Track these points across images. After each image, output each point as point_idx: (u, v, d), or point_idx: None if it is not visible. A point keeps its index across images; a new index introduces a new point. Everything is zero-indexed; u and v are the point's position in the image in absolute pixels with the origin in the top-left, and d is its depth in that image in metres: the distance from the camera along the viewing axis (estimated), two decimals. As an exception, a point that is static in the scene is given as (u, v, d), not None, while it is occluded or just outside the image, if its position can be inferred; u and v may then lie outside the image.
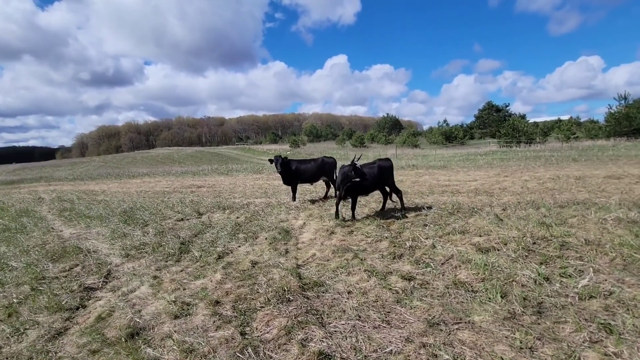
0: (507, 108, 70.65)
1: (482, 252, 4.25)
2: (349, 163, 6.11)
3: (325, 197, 9.33)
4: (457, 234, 5.06)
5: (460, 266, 3.90)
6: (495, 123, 63.06)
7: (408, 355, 2.39)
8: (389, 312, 3.03)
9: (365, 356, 2.42)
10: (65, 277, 4.55)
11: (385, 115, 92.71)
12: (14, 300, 3.91)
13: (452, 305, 3.08)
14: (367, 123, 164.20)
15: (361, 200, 8.65)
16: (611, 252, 3.92)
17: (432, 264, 4.04)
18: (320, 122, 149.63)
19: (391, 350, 2.47)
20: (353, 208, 6.55)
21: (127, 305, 3.49)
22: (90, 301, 3.80)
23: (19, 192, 19.41)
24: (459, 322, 2.78)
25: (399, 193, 6.95)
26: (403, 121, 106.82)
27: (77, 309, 3.62)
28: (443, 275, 3.75)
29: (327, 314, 3.05)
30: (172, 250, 5.15)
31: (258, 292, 3.55)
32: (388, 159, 7.05)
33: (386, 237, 5.19)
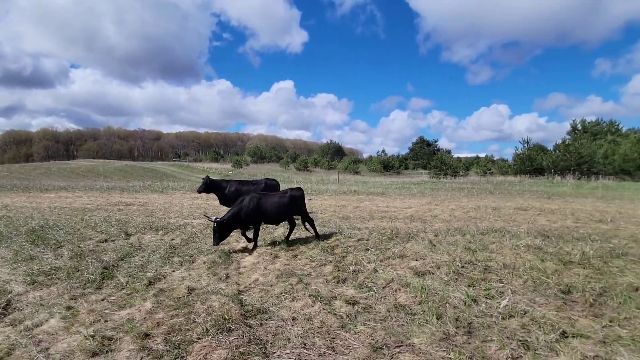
0: (436, 143, 78.62)
1: (418, 275, 4.52)
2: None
3: None
4: (397, 258, 5.32)
5: (400, 289, 4.08)
6: (427, 156, 69.48)
7: (354, 382, 2.38)
8: (334, 338, 3.01)
9: (311, 386, 2.34)
10: (-57, 310, 3.67)
11: (329, 142, 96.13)
12: None
13: (394, 328, 3.18)
14: (311, 148, 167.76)
15: (306, 224, 8.66)
16: (524, 275, 4.47)
17: (374, 287, 4.16)
18: (265, 143, 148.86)
19: (337, 378, 2.44)
20: (255, 236, 6.25)
21: (31, 342, 2.92)
22: (-24, 340, 3.10)
23: None
24: (400, 345, 2.87)
25: (311, 222, 6.93)
26: (345, 148, 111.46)
27: (-42, 350, 2.93)
28: (385, 298, 3.88)
29: (271, 343, 2.91)
30: (91, 276, 4.52)
31: (195, 321, 3.27)
32: (300, 189, 7.06)
33: (330, 261, 5.23)
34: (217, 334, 3.02)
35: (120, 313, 3.47)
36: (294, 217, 6.95)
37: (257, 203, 6.15)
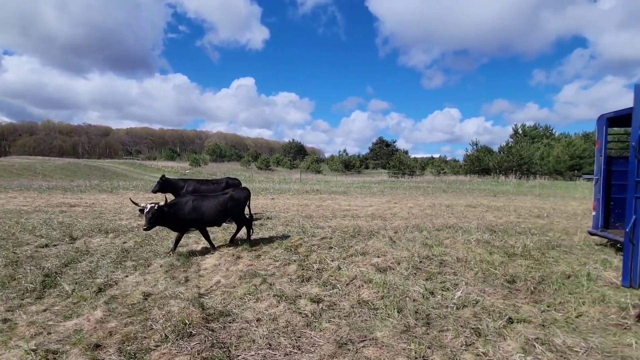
0: (395, 144, 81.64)
1: (380, 271, 4.67)
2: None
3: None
4: (359, 256, 5.45)
5: (363, 286, 4.19)
6: (386, 156, 71.90)
7: (320, 379, 2.41)
8: (299, 337, 3.02)
9: (277, 386, 2.33)
10: None
11: (291, 141, 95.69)
12: None
13: (358, 323, 3.26)
14: (273, 147, 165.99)
15: (267, 223, 8.57)
16: (475, 267, 4.81)
17: (338, 285, 4.23)
18: (225, 141, 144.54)
19: (303, 376, 2.45)
20: (176, 241, 5.80)
21: (-45, 364, 2.58)
22: None
23: None
24: (364, 340, 2.96)
25: (246, 226, 6.40)
26: (307, 147, 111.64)
27: None
28: (348, 295, 3.96)
29: (235, 346, 2.84)
30: (31, 285, 4.09)
31: (152, 328, 3.09)
32: (245, 189, 6.74)
33: (294, 261, 5.23)
34: (177, 340, 2.88)
35: (66, 324, 3.18)
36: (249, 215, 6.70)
37: (193, 205, 5.70)
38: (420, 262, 5.07)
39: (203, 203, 5.86)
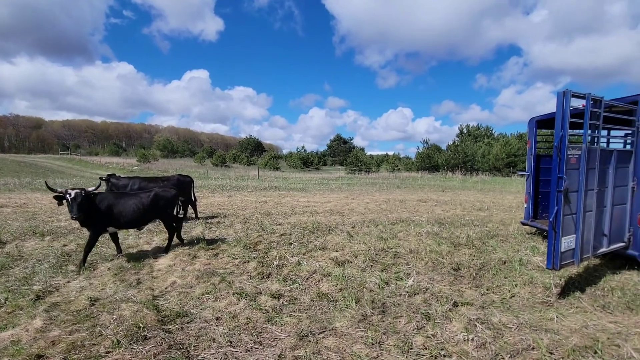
0: (352, 141, 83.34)
1: (339, 265, 4.83)
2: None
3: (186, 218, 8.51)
4: (318, 250, 5.57)
5: (322, 279, 4.31)
6: (343, 153, 73.29)
7: (282, 371, 2.47)
8: (260, 333, 3.04)
9: (239, 382, 2.35)
10: None
11: (248, 137, 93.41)
12: None
13: (318, 316, 3.37)
14: (229, 142, 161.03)
15: (225, 221, 8.37)
16: (425, 257, 5.16)
17: (298, 280, 4.30)
18: (177, 136, 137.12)
19: (265, 369, 2.49)
20: (87, 249, 4.90)
21: None
22: None
23: None
24: (324, 331, 3.07)
25: (172, 231, 5.75)
26: (265, 144, 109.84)
27: None
28: (308, 289, 4.05)
29: (194, 346, 2.79)
30: (-50, 297, 3.62)
31: (102, 334, 2.92)
32: (172, 189, 6.00)
33: (254, 258, 5.20)
34: (130, 344, 2.76)
35: (0, 335, 2.88)
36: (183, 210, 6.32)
37: (109, 204, 5.01)
38: (376, 254, 5.32)
39: (121, 201, 5.16)
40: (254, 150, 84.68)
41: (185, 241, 6.15)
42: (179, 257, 5.29)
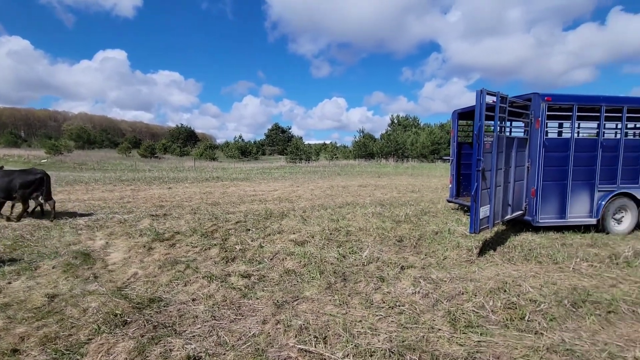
0: (290, 130, 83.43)
1: (299, 245, 5.24)
2: None
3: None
4: (277, 234, 5.89)
5: (286, 258, 4.67)
6: (282, 142, 73.09)
7: (269, 332, 2.80)
8: (239, 307, 3.31)
9: (232, 346, 2.62)
10: None
11: (180, 126, 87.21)
12: None
13: (288, 288, 3.74)
14: (156, 132, 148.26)
15: (172, 212, 8.12)
16: (373, 233, 5.85)
17: (264, 260, 4.60)
18: (92, 124, 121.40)
19: (254, 333, 2.79)
20: None
21: None
22: None
23: None
24: (297, 299, 3.46)
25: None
26: (198, 133, 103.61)
27: None
28: (275, 267, 4.38)
29: (179, 324, 2.95)
30: None
31: (76, 325, 2.89)
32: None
33: (214, 245, 5.31)
34: (112, 329, 2.81)
35: (-46, 340, 2.67)
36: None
37: None
38: (331, 234, 5.84)
39: None
40: (186, 140, 79.56)
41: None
42: (134, 250, 5.15)
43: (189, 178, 18.92)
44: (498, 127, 4.99)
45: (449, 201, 8.12)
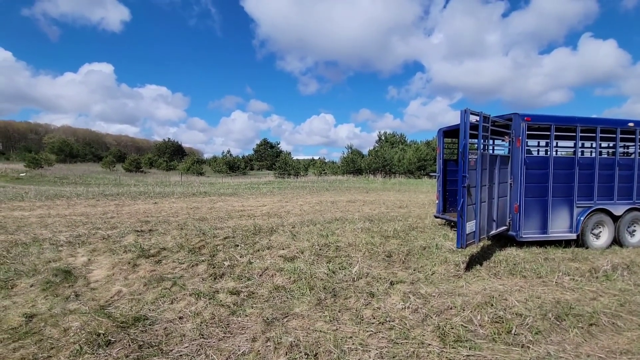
0: (278, 145, 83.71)
1: (288, 260, 5.20)
2: None
3: None
4: (266, 250, 5.85)
5: (275, 274, 4.63)
6: (271, 157, 73.13)
7: (259, 350, 2.76)
8: (228, 325, 3.25)
9: (221, 364, 2.57)
10: None
11: (166, 140, 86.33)
12: None
13: (278, 305, 3.70)
14: (142, 146, 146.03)
15: (158, 228, 7.96)
16: (362, 248, 5.87)
17: (253, 277, 4.55)
18: (75, 138, 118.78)
19: (243, 351, 2.75)
20: None
21: None
22: None
23: None
24: (287, 316, 3.42)
25: None
26: (185, 147, 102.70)
27: None
28: (264, 284, 4.34)
29: (165, 343, 2.88)
30: None
31: (56, 346, 2.78)
32: None
33: (202, 261, 5.22)
34: (95, 350, 2.71)
35: None
36: None
37: None
38: (320, 249, 5.84)
39: None
40: (173, 155, 78.63)
41: None
42: (118, 267, 5.01)
43: (176, 193, 18.61)
44: (482, 145, 5.19)
45: (436, 217, 8.26)
